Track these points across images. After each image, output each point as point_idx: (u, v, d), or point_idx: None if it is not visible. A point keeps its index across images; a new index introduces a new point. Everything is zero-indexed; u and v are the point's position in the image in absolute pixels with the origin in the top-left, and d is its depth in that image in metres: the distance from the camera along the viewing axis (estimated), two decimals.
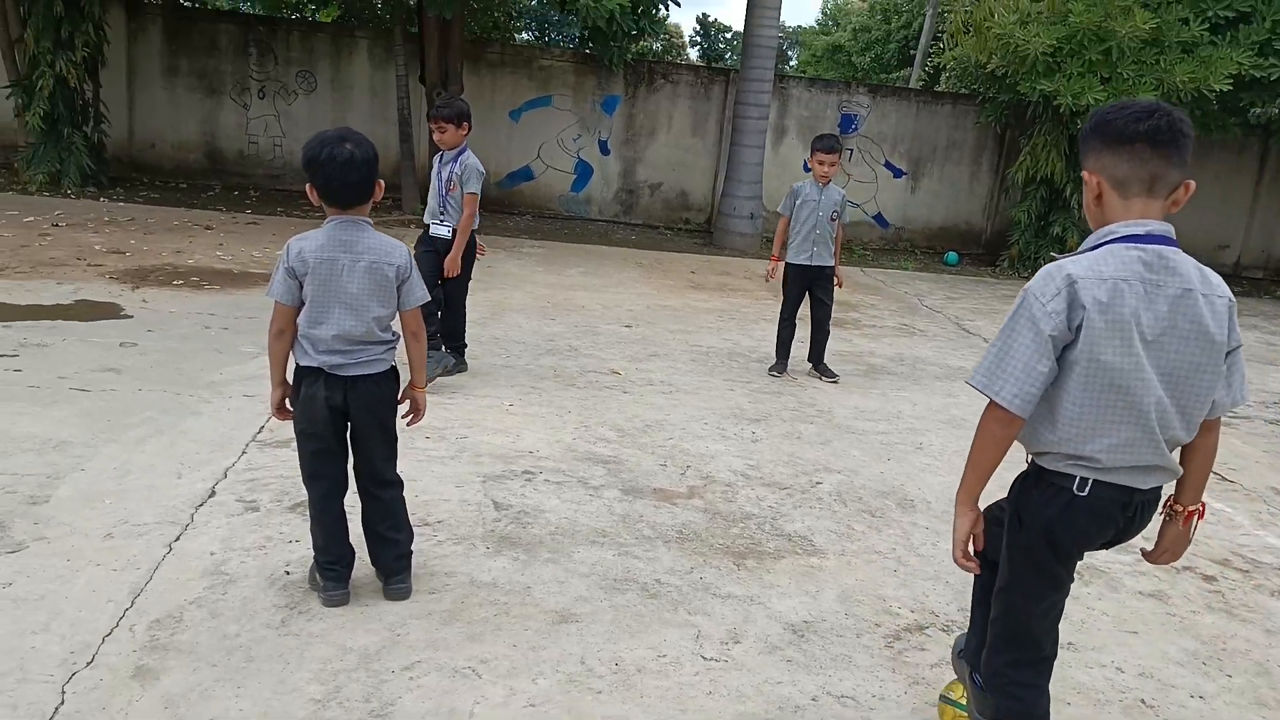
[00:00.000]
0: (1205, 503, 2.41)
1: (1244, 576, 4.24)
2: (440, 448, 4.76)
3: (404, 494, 3.45)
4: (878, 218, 14.80)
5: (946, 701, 2.87)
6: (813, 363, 6.87)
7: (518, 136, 13.99)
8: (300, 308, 3.12)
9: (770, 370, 6.78)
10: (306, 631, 3.09)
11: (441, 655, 3.04)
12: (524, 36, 26.81)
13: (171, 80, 13.37)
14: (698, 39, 47.73)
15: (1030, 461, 2.34)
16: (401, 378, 3.39)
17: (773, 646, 3.28)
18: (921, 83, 22.99)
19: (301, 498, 4.00)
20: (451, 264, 5.71)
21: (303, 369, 3.17)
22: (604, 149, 14.21)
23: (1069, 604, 3.43)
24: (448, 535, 3.85)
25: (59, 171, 11.45)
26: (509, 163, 14.04)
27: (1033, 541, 2.29)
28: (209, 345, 6.06)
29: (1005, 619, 2.39)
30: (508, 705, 2.83)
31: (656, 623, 3.36)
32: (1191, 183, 2.18)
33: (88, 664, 2.82)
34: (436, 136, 5.65)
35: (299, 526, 3.76)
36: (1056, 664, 3.13)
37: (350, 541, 3.33)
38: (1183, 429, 2.17)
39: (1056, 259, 2.20)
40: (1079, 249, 2.23)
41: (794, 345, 6.87)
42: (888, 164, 14.72)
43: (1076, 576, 3.64)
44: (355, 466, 3.33)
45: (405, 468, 4.37)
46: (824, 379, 6.72)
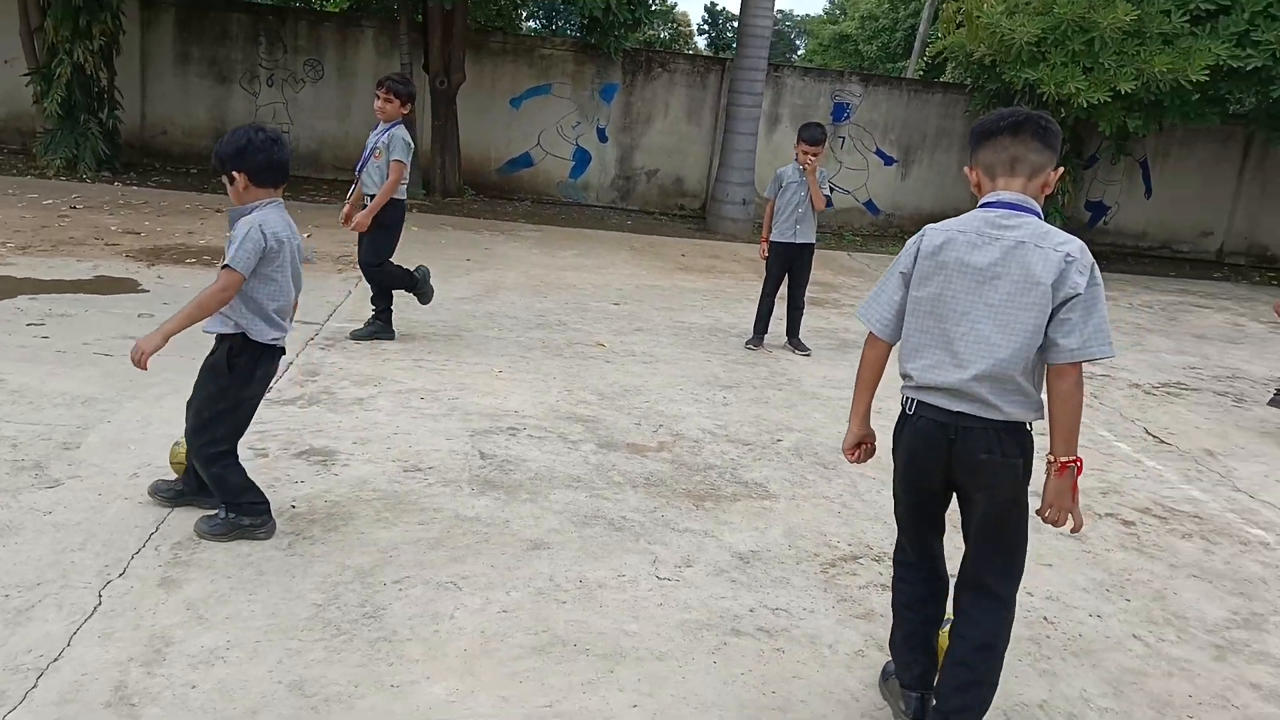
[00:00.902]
0: (1082, 459, 2.58)
1: (1160, 522, 4.66)
2: (433, 407, 5.19)
3: None
4: (868, 204, 15.18)
5: None
6: (788, 337, 7.28)
7: (518, 124, 14.40)
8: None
9: (746, 344, 7.21)
10: (309, 553, 3.54)
11: (427, 572, 3.48)
12: (531, 25, 27.17)
13: (183, 68, 13.79)
14: (705, 28, 48.01)
15: None
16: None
17: (720, 570, 3.72)
18: (920, 72, 23.33)
19: (305, 446, 4.46)
20: (363, 218, 6.05)
21: (264, 347, 3.50)
22: (602, 136, 14.61)
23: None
24: (437, 479, 4.29)
25: (75, 157, 11.88)
26: (509, 149, 14.45)
27: (895, 459, 2.79)
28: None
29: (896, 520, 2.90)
30: (484, 611, 3.27)
31: (619, 550, 3.80)
32: (1060, 169, 2.64)
33: (120, 575, 3.27)
34: (378, 105, 6.13)
35: (303, 470, 4.20)
36: None
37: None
38: (996, 358, 2.53)
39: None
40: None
41: (772, 322, 7.27)
42: (879, 151, 15.09)
43: None
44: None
45: (401, 423, 4.85)
46: (797, 352, 7.14)
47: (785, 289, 7.24)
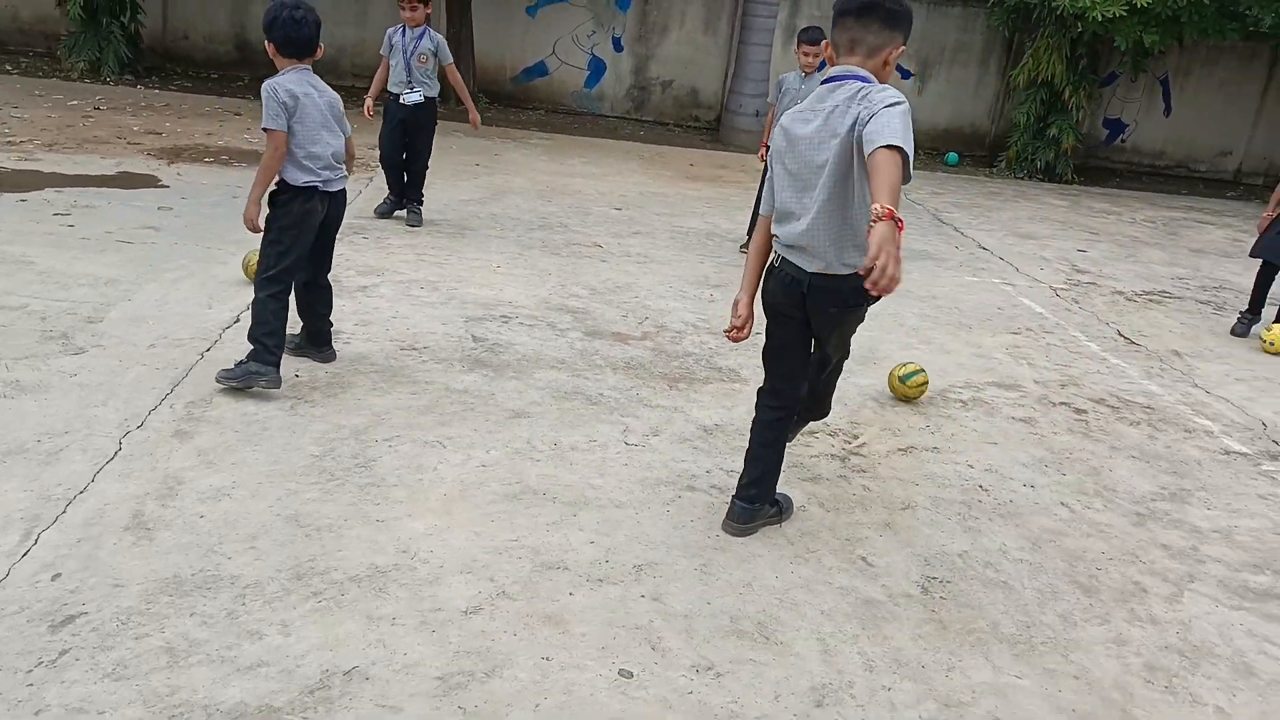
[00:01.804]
0: (900, 217, 2.46)
1: (1112, 411, 4.95)
2: (433, 296, 5.51)
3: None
4: None
5: None
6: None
7: (534, 32, 14.43)
8: (290, 135, 3.93)
9: (740, 247, 7.45)
10: (309, 414, 3.90)
11: (416, 433, 3.83)
12: None
13: None
14: None
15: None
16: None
17: (685, 439, 4.05)
18: None
19: None
20: (475, 117, 6.92)
21: (300, 189, 3.98)
22: (617, 46, 14.63)
23: (943, 419, 4.26)
24: (430, 357, 4.62)
25: (98, 60, 12.09)
26: (524, 58, 14.50)
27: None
28: (236, 212, 6.74)
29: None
30: (464, 465, 3.62)
31: (593, 420, 4.14)
32: (901, 47, 2.91)
33: (138, 427, 3.64)
34: (408, 15, 6.48)
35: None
36: (914, 456, 3.95)
37: None
38: (806, 200, 2.93)
39: None
40: None
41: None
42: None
43: (960, 404, 4.46)
44: (313, 261, 4.23)
45: (400, 309, 5.16)
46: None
47: None
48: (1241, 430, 4.91)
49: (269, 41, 3.94)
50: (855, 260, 2.90)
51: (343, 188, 4.19)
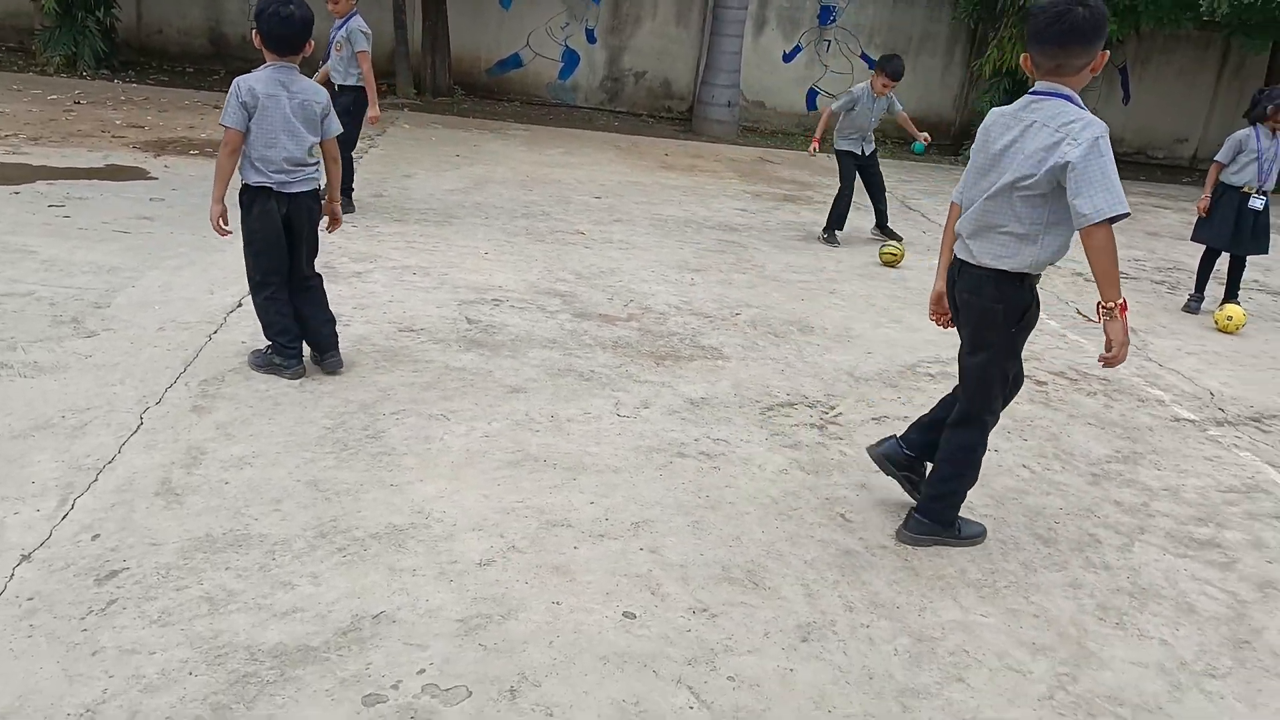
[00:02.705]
0: (1125, 300, 2.94)
1: (1070, 383, 5.26)
2: (425, 281, 5.73)
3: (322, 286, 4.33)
4: None
5: None
6: (880, 228, 8.13)
7: (508, 24, 14.61)
8: (245, 135, 3.89)
9: (822, 239, 7.89)
10: (319, 390, 4.12)
11: (421, 407, 4.06)
12: None
13: None
14: None
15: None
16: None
17: (673, 411, 4.31)
18: None
19: None
20: (373, 112, 6.80)
21: (255, 189, 3.97)
22: (591, 38, 14.84)
23: (914, 391, 4.55)
24: (428, 338, 4.85)
25: (74, 54, 12.15)
26: (499, 50, 14.69)
27: None
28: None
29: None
30: (468, 436, 3.86)
31: (587, 395, 4.38)
32: (1104, 54, 2.97)
33: (157, 403, 3.84)
34: (330, 7, 6.64)
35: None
36: (887, 424, 4.24)
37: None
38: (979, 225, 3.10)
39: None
40: None
41: (741, 217, 7.76)
42: (864, 55, 15.33)
43: (929, 377, 4.78)
44: (292, 267, 4.17)
45: (395, 294, 5.37)
46: (890, 238, 7.94)
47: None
48: (1191, 399, 5.23)
49: (255, 32, 3.89)
50: (992, 259, 3.08)
51: (308, 189, 4.07)
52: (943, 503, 3.43)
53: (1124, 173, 11.54)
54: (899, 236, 8.05)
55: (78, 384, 3.93)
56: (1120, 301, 2.92)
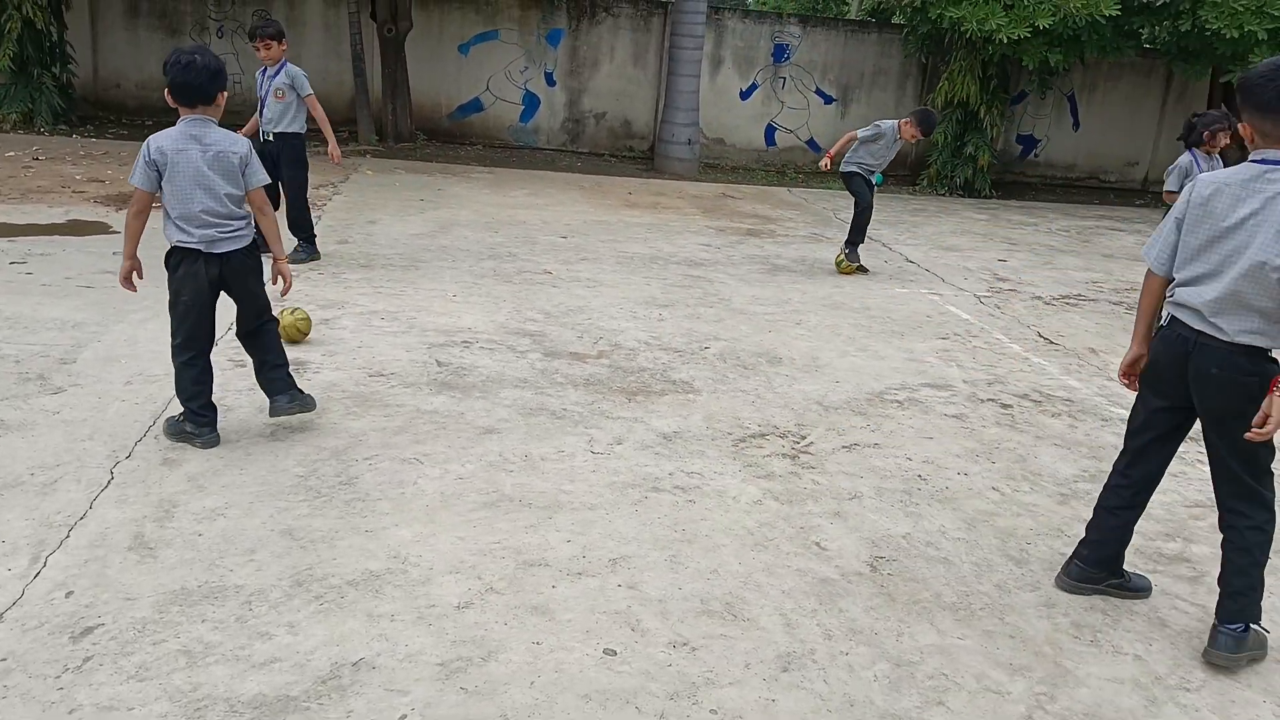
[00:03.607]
0: None
1: (1035, 405, 5.35)
2: (393, 325, 5.73)
3: (276, 329, 4.15)
4: (809, 142, 15.72)
5: None
6: (849, 245, 8.33)
7: (467, 69, 14.73)
8: (154, 194, 3.74)
9: (847, 258, 8.19)
10: (290, 438, 4.10)
11: (393, 451, 4.06)
12: None
13: (133, 21, 13.94)
14: None
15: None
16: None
17: (646, 446, 4.34)
18: (863, 14, 23.74)
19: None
20: (335, 149, 7.02)
21: (182, 250, 3.79)
22: (550, 80, 14.99)
23: (882, 418, 4.65)
24: (398, 382, 4.85)
25: (31, 111, 12.09)
26: (459, 95, 14.79)
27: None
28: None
29: None
30: (442, 479, 3.86)
31: (559, 433, 4.40)
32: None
33: (127, 457, 3.81)
34: (262, 54, 6.63)
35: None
36: (857, 452, 4.31)
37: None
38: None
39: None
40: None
41: (703, 251, 7.84)
42: (818, 91, 15.61)
43: (897, 404, 4.86)
44: (237, 320, 4.08)
45: (364, 339, 5.37)
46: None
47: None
48: None
49: (167, 87, 3.70)
50: (1247, 336, 2.94)
51: (239, 246, 3.86)
52: (1251, 596, 3.17)
53: (1080, 197, 11.95)
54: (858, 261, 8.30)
55: (46, 440, 3.89)
56: None
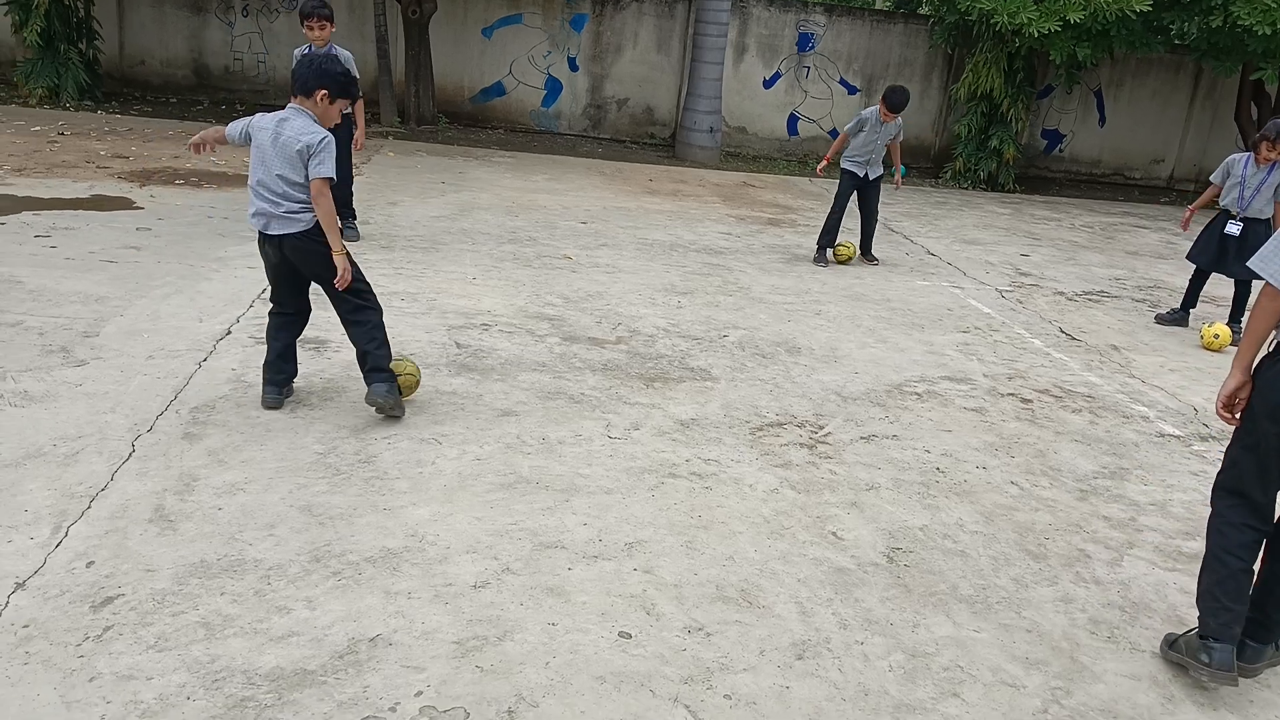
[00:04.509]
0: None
1: (1056, 401, 5.31)
2: (414, 307, 5.74)
3: (372, 325, 4.15)
4: (832, 133, 15.62)
5: None
6: (862, 251, 8.21)
7: (490, 53, 14.71)
8: (230, 142, 4.00)
9: (814, 260, 8.06)
10: (309, 416, 4.12)
11: (412, 431, 4.07)
12: None
13: None
14: None
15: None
16: None
17: (663, 432, 4.33)
18: (889, 4, 23.58)
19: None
20: (361, 137, 6.86)
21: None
22: (573, 66, 14.95)
23: (901, 410, 4.65)
24: (418, 362, 4.84)
25: (57, 86, 12.15)
26: (481, 79, 14.77)
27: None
28: (213, 230, 6.99)
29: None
30: (460, 459, 3.87)
31: (577, 417, 4.40)
32: None
33: (148, 430, 3.84)
34: (317, 34, 6.45)
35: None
36: (875, 443, 4.29)
37: (286, 365, 4.20)
38: None
39: None
40: None
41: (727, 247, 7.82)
42: (842, 81, 15.51)
43: (916, 396, 4.84)
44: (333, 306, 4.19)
45: (385, 319, 5.36)
46: (869, 263, 8.15)
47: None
48: (1175, 415, 5.29)
49: None
50: None
51: (290, 231, 3.93)
52: None
53: (1103, 193, 11.80)
54: (875, 260, 8.23)
55: (69, 412, 3.92)
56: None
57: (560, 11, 14.66)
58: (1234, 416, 2.87)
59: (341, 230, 4.44)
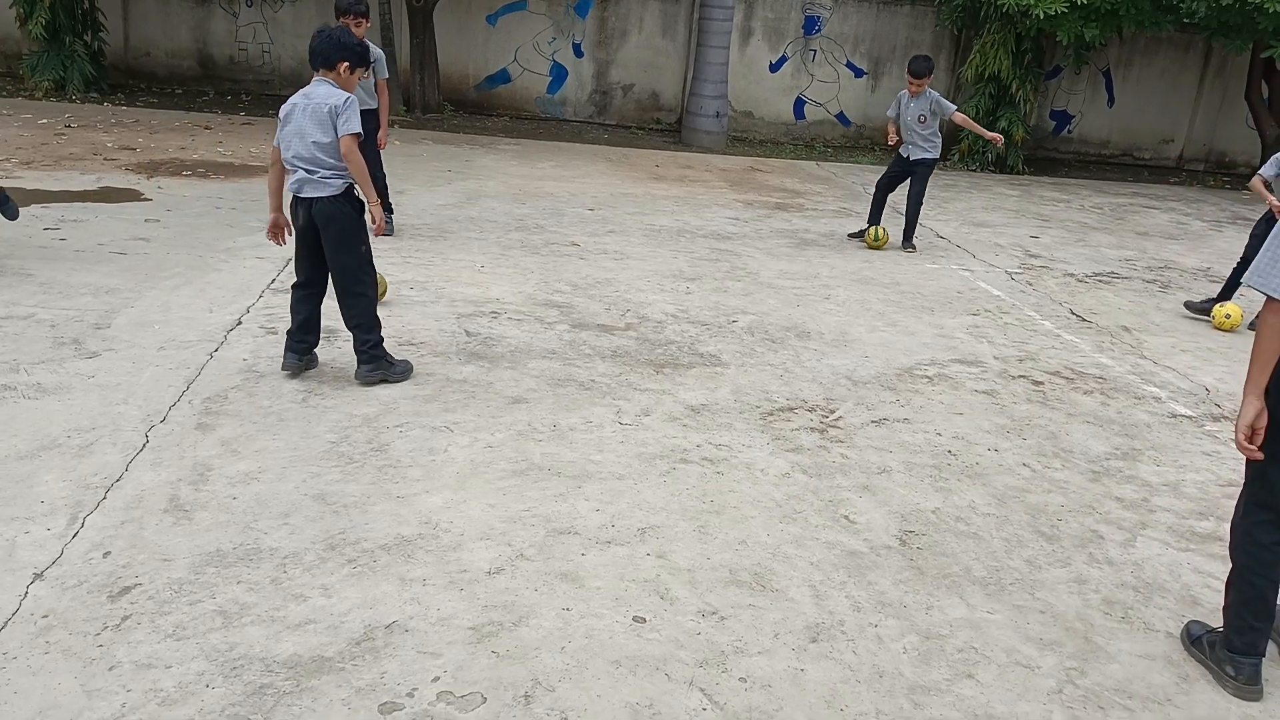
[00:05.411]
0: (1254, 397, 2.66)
1: (1067, 383, 5.30)
2: (423, 295, 5.75)
3: (365, 301, 4.35)
4: (839, 116, 15.57)
5: None
6: (903, 239, 8.23)
7: (495, 40, 14.66)
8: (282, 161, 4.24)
9: (849, 234, 8.28)
10: (322, 405, 4.13)
11: (424, 419, 4.08)
12: None
13: None
14: None
15: None
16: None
17: (674, 418, 4.34)
18: None
19: None
20: (384, 136, 6.94)
21: (292, 194, 4.26)
22: (578, 52, 14.90)
23: (912, 393, 4.62)
24: (428, 351, 4.87)
25: (63, 78, 12.17)
26: (486, 66, 14.74)
27: None
28: (221, 221, 7.00)
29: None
30: (472, 447, 3.88)
31: (588, 404, 4.41)
32: None
33: (161, 421, 3.85)
34: (354, 31, 6.42)
35: None
36: (886, 427, 4.29)
37: (308, 336, 4.39)
38: None
39: None
40: None
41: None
42: (849, 64, 15.43)
43: (926, 379, 4.81)
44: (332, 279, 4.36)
45: (393, 308, 5.39)
46: (906, 250, 8.14)
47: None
48: (1187, 395, 5.28)
49: None
50: None
51: (326, 194, 4.15)
52: None
53: (1113, 174, 11.71)
54: (912, 248, 8.20)
55: (82, 404, 3.94)
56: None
57: None
58: (1257, 449, 2.70)
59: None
